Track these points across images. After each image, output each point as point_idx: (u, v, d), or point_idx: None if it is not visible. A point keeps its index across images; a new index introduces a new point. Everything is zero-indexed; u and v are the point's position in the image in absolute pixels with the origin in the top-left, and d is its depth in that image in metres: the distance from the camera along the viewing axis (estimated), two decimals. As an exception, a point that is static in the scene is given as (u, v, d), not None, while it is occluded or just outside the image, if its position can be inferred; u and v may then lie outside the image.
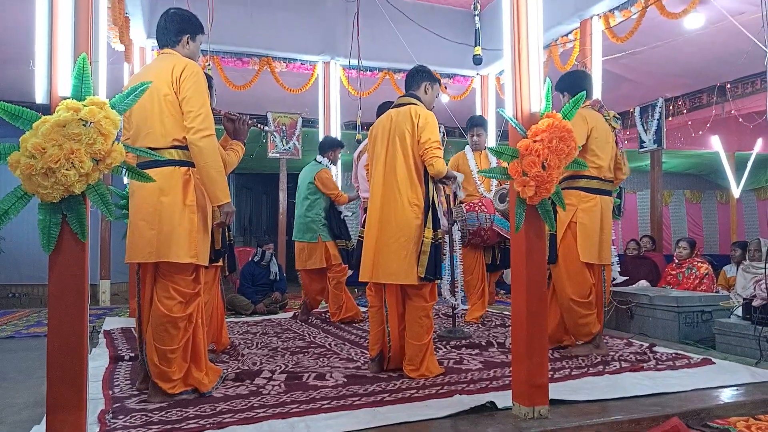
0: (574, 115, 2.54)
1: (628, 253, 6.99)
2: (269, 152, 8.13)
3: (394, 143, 3.18)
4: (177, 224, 2.62)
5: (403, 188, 3.12)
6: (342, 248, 5.25)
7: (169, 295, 2.66)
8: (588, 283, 3.59)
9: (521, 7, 2.50)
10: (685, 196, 11.78)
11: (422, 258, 3.07)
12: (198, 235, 2.68)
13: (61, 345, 1.95)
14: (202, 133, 2.64)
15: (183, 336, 2.69)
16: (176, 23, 2.86)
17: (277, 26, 6.76)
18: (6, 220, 1.88)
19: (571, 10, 5.74)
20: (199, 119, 2.64)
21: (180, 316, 2.66)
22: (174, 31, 2.85)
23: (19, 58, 5.74)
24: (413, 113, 3.18)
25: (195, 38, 2.92)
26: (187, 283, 2.70)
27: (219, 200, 2.70)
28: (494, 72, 7.58)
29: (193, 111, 2.64)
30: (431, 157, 3.10)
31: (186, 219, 2.65)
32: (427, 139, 3.11)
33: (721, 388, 2.90)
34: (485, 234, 4.78)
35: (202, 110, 2.66)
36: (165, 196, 2.63)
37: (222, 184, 2.69)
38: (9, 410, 2.73)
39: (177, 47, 2.86)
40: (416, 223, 3.10)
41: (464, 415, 2.47)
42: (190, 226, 2.65)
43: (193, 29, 2.91)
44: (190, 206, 2.67)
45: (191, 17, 2.94)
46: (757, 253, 5.63)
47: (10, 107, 1.88)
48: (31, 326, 5.44)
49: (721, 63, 6.47)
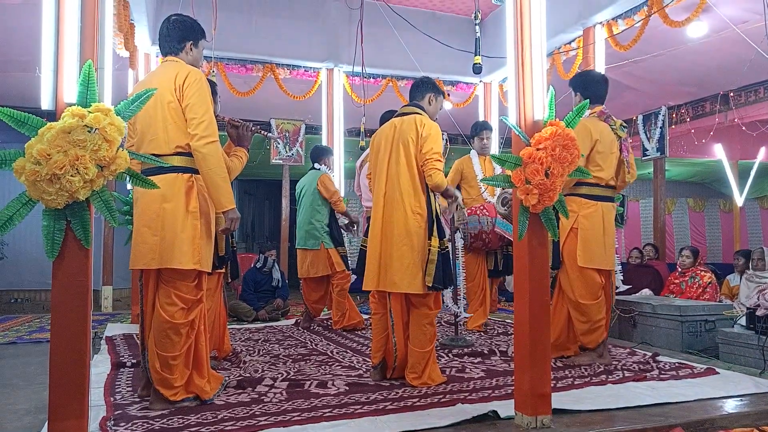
0: (578, 123, 2.54)
1: (631, 261, 6.97)
2: (272, 159, 8.14)
3: (397, 151, 3.18)
4: (180, 231, 2.62)
5: (406, 196, 3.12)
6: (343, 255, 5.25)
7: (171, 302, 2.65)
8: (597, 284, 3.58)
9: (525, 14, 2.51)
10: (688, 204, 11.76)
11: (429, 267, 3.06)
12: (201, 241, 2.68)
13: (64, 351, 1.95)
14: (206, 140, 2.64)
15: (185, 342, 2.69)
16: (178, 30, 2.87)
17: (281, 33, 6.79)
18: (11, 226, 1.89)
19: (574, 18, 5.76)
20: (203, 126, 2.65)
21: (182, 322, 2.65)
22: (176, 39, 2.86)
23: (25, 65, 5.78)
24: (418, 122, 3.18)
25: (198, 44, 2.93)
26: (189, 289, 2.70)
27: (223, 206, 2.70)
28: (497, 79, 7.59)
29: (197, 118, 2.65)
30: (431, 169, 3.09)
31: (189, 225, 2.65)
32: (429, 149, 3.11)
33: (725, 398, 2.88)
34: (487, 237, 4.77)
35: (205, 117, 2.66)
36: (168, 202, 2.63)
37: (226, 190, 2.70)
38: (11, 416, 2.72)
39: (180, 54, 2.87)
40: (419, 231, 3.10)
41: (466, 425, 2.46)
42: (193, 233, 2.65)
43: (195, 35, 2.91)
44: (193, 213, 2.67)
45: (193, 23, 2.94)
46: (760, 262, 5.60)
47: (16, 113, 1.90)
48: (34, 332, 5.44)
49: (725, 71, 6.47)
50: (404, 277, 3.06)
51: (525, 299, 2.46)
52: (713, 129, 7.29)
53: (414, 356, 3.11)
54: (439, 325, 5.24)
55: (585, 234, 3.56)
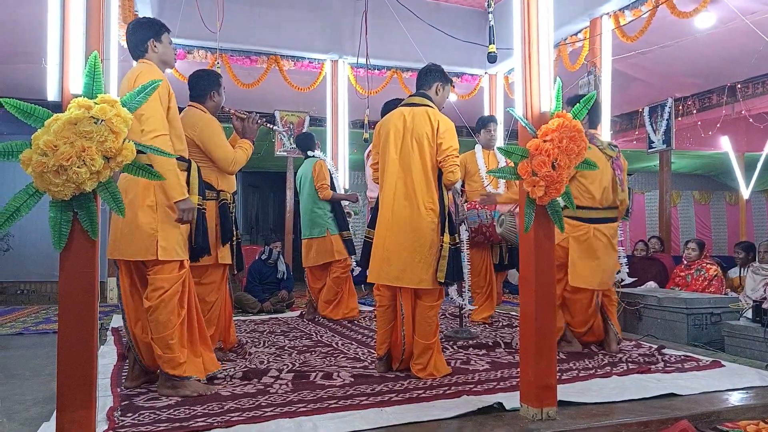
0: (584, 114, 2.52)
1: (637, 254, 6.95)
2: (276, 151, 8.14)
3: (410, 145, 3.13)
4: (140, 223, 2.71)
5: (419, 192, 3.09)
6: (348, 239, 5.27)
7: (153, 287, 2.75)
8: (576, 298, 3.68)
9: (532, 5, 2.50)
10: (694, 197, 11.71)
11: (441, 263, 3.05)
12: (161, 233, 2.74)
13: (72, 342, 1.96)
14: (151, 135, 2.66)
15: (177, 318, 2.76)
16: (137, 34, 2.90)
17: (286, 25, 6.76)
18: (18, 217, 1.89)
19: (581, 9, 5.71)
20: (149, 121, 2.66)
21: (159, 300, 2.72)
22: (138, 42, 2.89)
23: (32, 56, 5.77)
24: (432, 117, 3.13)
25: (160, 39, 2.94)
26: (168, 271, 2.77)
27: (173, 198, 2.73)
28: (502, 71, 7.55)
29: (144, 114, 2.65)
30: (451, 165, 3.09)
31: (147, 217, 2.72)
32: (449, 146, 3.09)
33: (731, 391, 2.88)
34: (487, 231, 4.76)
35: (149, 113, 2.65)
36: (127, 196, 2.70)
37: (173, 181, 2.71)
38: (18, 407, 2.74)
39: (147, 54, 2.90)
40: (431, 227, 3.08)
41: (472, 416, 2.46)
42: (150, 225, 2.72)
43: (154, 31, 2.92)
44: (150, 206, 2.74)
45: (150, 21, 2.99)
46: (766, 255, 5.58)
47: (22, 105, 1.89)
48: (40, 323, 5.47)
49: (732, 63, 6.42)
50: (416, 273, 3.04)
51: (531, 291, 2.45)
52: (720, 121, 7.24)
53: (419, 347, 3.11)
54: (444, 317, 5.24)
55: (573, 256, 3.63)
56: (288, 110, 8.12)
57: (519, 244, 2.65)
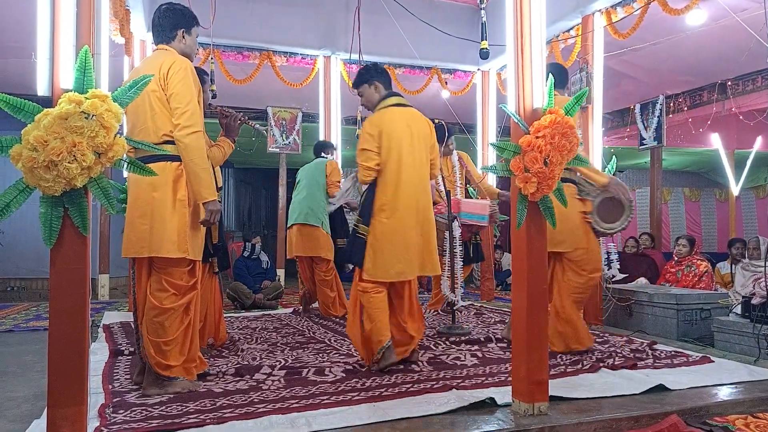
0: (576, 111, 2.53)
1: (627, 250, 7.00)
2: (269, 147, 8.11)
3: (418, 145, 3.30)
4: (168, 219, 2.64)
5: (428, 188, 3.36)
6: (340, 247, 5.27)
7: (161, 287, 2.68)
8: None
9: (524, 2, 2.50)
10: (684, 193, 11.78)
11: None
12: (189, 230, 2.69)
13: (63, 339, 1.95)
14: (187, 130, 2.63)
15: (178, 328, 2.71)
16: (170, 19, 2.84)
17: (278, 20, 6.74)
18: (8, 213, 1.88)
19: (573, 6, 5.72)
20: (186, 116, 2.63)
21: (170, 307, 2.67)
22: (168, 27, 2.84)
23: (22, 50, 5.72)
24: (429, 125, 3.41)
25: (190, 31, 2.90)
26: (182, 275, 2.72)
27: (203, 198, 2.68)
28: (495, 68, 7.56)
29: (180, 107, 2.63)
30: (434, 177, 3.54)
31: (177, 214, 2.66)
32: (435, 156, 3.44)
33: (720, 386, 2.91)
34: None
35: (188, 107, 2.64)
36: (156, 191, 2.64)
37: (207, 181, 2.68)
38: (9, 404, 2.73)
39: (173, 42, 2.85)
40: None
41: (464, 411, 2.47)
42: (180, 221, 2.66)
43: (187, 23, 2.89)
44: (181, 201, 2.68)
45: (184, 10, 2.91)
46: (756, 252, 5.64)
47: (12, 99, 1.88)
48: (30, 320, 5.44)
49: (723, 60, 6.46)
50: (437, 262, 3.38)
51: (523, 286, 2.46)
52: (710, 118, 7.29)
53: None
54: (436, 313, 5.26)
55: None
56: (280, 106, 8.09)
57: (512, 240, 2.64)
